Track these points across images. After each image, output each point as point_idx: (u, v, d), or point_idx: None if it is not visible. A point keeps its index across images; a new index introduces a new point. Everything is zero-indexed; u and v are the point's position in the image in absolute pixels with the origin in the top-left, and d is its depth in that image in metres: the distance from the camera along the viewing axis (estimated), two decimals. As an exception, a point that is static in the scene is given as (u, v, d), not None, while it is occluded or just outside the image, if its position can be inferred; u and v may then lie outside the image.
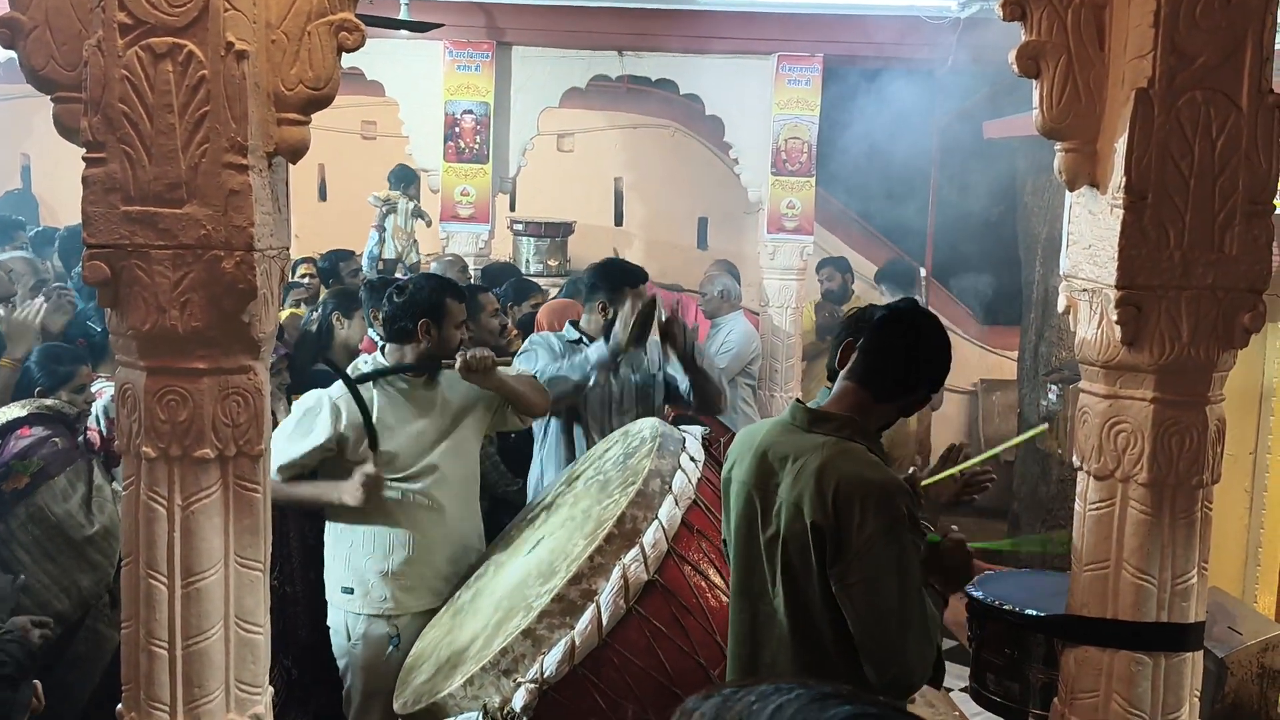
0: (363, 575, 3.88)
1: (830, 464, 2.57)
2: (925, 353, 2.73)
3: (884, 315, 2.79)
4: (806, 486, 2.56)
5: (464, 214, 8.24)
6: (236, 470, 2.57)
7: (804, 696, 0.78)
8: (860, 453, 2.62)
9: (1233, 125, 2.57)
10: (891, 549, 2.51)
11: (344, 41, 2.51)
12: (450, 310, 3.97)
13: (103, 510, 3.91)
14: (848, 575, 2.52)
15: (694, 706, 0.81)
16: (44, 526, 3.79)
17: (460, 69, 8.17)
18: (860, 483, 2.54)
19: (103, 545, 3.88)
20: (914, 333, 2.75)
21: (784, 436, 2.73)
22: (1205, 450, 2.71)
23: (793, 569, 2.60)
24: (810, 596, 2.59)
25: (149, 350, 2.50)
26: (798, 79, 8.24)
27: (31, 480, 3.79)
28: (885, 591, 2.52)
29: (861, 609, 2.53)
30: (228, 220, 2.41)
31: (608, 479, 3.66)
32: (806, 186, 8.35)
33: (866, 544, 2.50)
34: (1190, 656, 2.81)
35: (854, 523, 2.50)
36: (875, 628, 2.52)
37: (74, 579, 3.83)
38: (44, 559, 3.77)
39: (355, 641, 3.90)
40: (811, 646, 2.61)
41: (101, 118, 2.38)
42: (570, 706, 3.11)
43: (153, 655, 2.54)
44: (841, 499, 2.52)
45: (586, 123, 10.22)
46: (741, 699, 0.80)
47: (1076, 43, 2.63)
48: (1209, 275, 2.63)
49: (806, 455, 2.61)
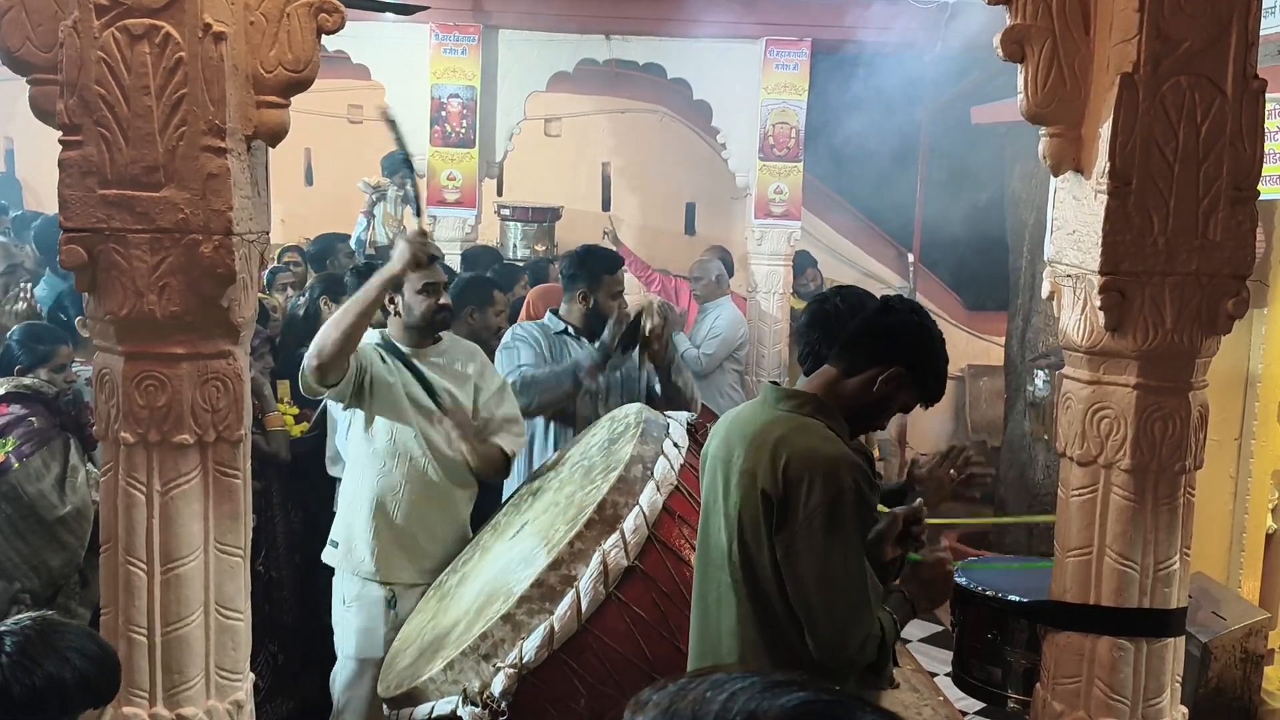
0: (350, 531, 3.90)
1: (785, 437, 2.62)
2: (900, 331, 2.73)
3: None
4: (761, 457, 2.61)
5: (450, 199, 8.20)
6: (216, 456, 2.55)
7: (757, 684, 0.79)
8: (817, 428, 2.65)
9: (1217, 111, 2.57)
10: (834, 520, 2.55)
11: (324, 23, 2.49)
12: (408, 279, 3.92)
13: (75, 491, 3.90)
14: (792, 544, 2.57)
15: (648, 697, 0.81)
16: (16, 505, 3.79)
17: (446, 52, 8.12)
18: (810, 455, 2.58)
19: (74, 526, 3.88)
20: (889, 311, 2.78)
21: (752, 413, 2.79)
22: (1188, 436, 2.72)
23: (745, 539, 2.65)
24: (761, 565, 2.63)
25: (127, 335, 2.48)
26: (786, 63, 8.21)
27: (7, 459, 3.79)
28: (827, 562, 2.55)
29: (802, 578, 2.57)
30: (206, 204, 2.39)
31: (592, 464, 3.65)
32: (794, 172, 8.33)
33: (810, 515, 2.55)
34: (1172, 642, 2.82)
35: (801, 493, 2.55)
36: (815, 597, 2.56)
37: (44, 558, 3.83)
38: (14, 537, 3.78)
39: (349, 604, 3.91)
40: (763, 616, 2.65)
41: (78, 100, 2.36)
42: (550, 691, 3.10)
43: (132, 642, 2.53)
44: (792, 470, 2.56)
45: (574, 107, 10.18)
46: (695, 688, 0.80)
47: (1061, 27, 2.62)
48: (1193, 261, 2.62)
49: (767, 429, 2.66)
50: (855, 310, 3.01)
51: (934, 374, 2.76)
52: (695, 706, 0.78)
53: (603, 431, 3.88)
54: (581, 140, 10.38)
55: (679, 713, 0.79)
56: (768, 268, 8.44)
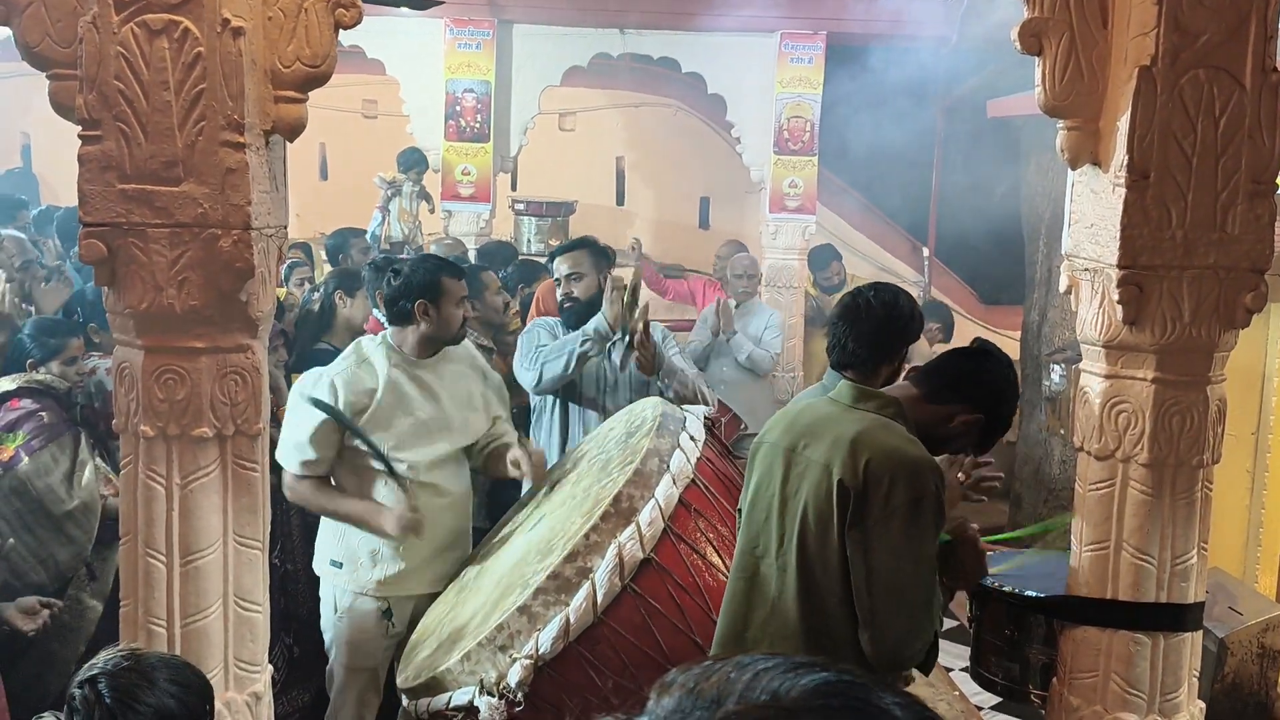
0: (354, 552, 3.87)
1: (867, 432, 2.59)
2: (986, 375, 2.74)
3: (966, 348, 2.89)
4: (839, 450, 2.58)
5: (465, 193, 8.22)
6: (235, 449, 2.57)
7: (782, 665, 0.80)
8: (899, 430, 2.64)
9: (1236, 104, 2.56)
10: (913, 523, 2.52)
11: (341, 18, 2.49)
12: (447, 289, 3.93)
13: (83, 485, 3.92)
14: (866, 540, 2.54)
15: (673, 678, 0.82)
16: (25, 499, 3.81)
17: (461, 47, 8.14)
18: (894, 453, 2.55)
19: (81, 520, 3.90)
20: (985, 355, 2.79)
21: (825, 408, 2.76)
22: (1206, 430, 2.71)
23: (808, 529, 2.62)
24: (825, 558, 2.60)
25: (146, 329, 2.49)
26: (800, 57, 8.20)
27: (16, 453, 3.82)
28: (899, 563, 2.53)
29: (871, 576, 2.54)
30: (225, 199, 2.40)
31: (609, 458, 3.66)
32: (809, 165, 8.32)
33: (890, 513, 2.51)
34: (1189, 636, 2.81)
35: (882, 490, 2.52)
36: (881, 596, 2.53)
37: (51, 551, 3.85)
38: (23, 531, 3.80)
39: (341, 615, 3.90)
40: (813, 606, 2.63)
41: (97, 95, 2.37)
42: (565, 682, 3.11)
43: (151, 633, 2.55)
44: (873, 466, 2.53)
45: (588, 101, 10.18)
46: (720, 669, 0.81)
47: (1079, 19, 2.62)
48: (1211, 255, 2.61)
49: (845, 425, 2.64)
50: (888, 307, 3.10)
51: (1001, 430, 2.78)
52: (720, 686, 0.79)
53: (621, 425, 3.89)
54: (596, 134, 10.39)
55: (704, 693, 0.80)
56: (782, 262, 8.43)
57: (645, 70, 9.74)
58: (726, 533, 3.32)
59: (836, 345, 3.16)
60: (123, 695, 2.10)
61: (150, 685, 2.13)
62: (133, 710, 2.09)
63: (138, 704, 2.10)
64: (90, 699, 2.10)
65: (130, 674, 2.13)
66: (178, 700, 2.14)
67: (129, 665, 2.15)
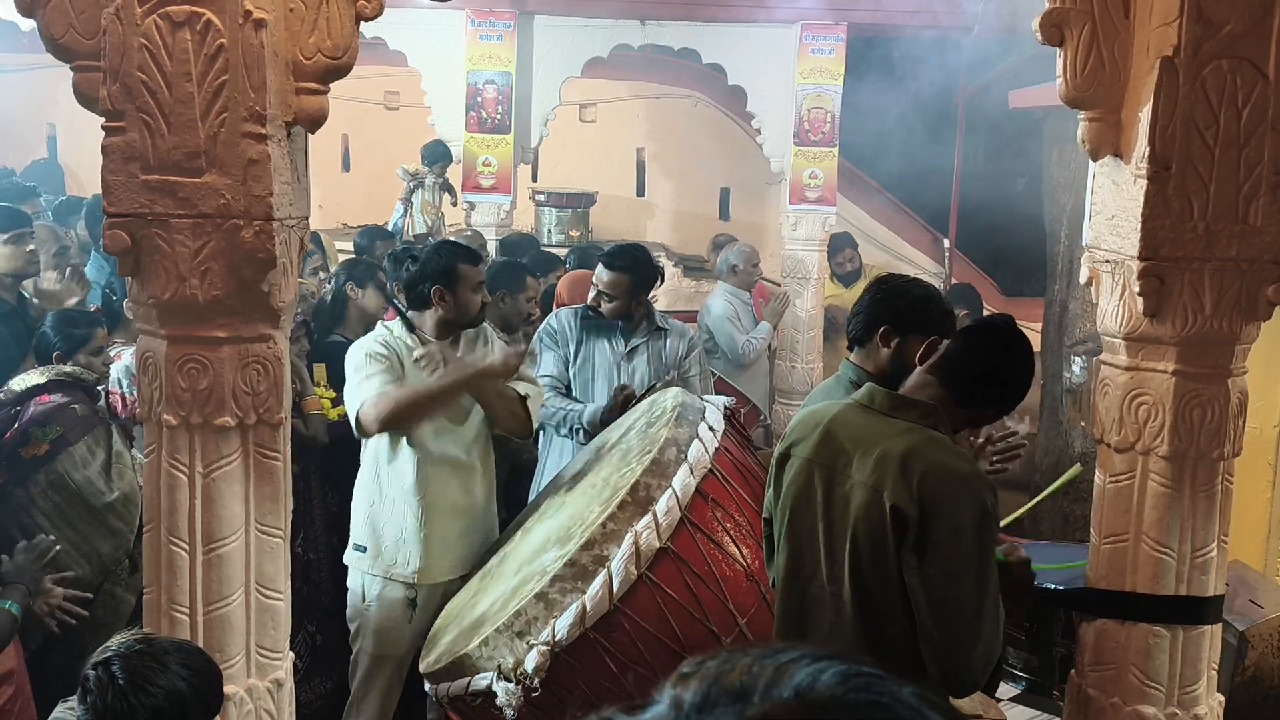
0: (378, 535, 3.91)
1: (917, 450, 2.47)
2: (1013, 371, 2.63)
3: (982, 326, 2.76)
4: (889, 470, 2.46)
5: (486, 184, 8.23)
6: (257, 438, 2.59)
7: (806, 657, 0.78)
8: (947, 443, 2.54)
9: (1259, 95, 2.54)
10: (975, 545, 2.43)
11: (362, 10, 2.50)
12: (463, 274, 3.96)
13: (122, 477, 3.93)
14: (926, 564, 2.43)
15: (690, 669, 0.81)
16: (64, 493, 3.81)
17: (482, 38, 8.14)
18: (950, 472, 2.45)
19: (123, 512, 3.91)
20: (1008, 350, 2.64)
21: (859, 418, 2.62)
22: (1227, 423, 2.70)
23: (860, 554, 2.52)
24: (881, 582, 2.50)
25: (169, 319, 2.52)
26: (821, 48, 8.17)
27: (51, 447, 3.82)
28: (964, 586, 2.42)
29: (935, 601, 2.43)
30: (247, 190, 2.42)
31: (629, 448, 3.68)
32: (829, 157, 8.30)
33: (952, 535, 2.41)
34: (1208, 629, 2.81)
35: (941, 512, 2.41)
36: (946, 621, 2.43)
37: (94, 545, 3.85)
38: (64, 525, 3.79)
39: (370, 602, 3.93)
40: (871, 630, 2.53)
41: (120, 86, 2.39)
42: (581, 669, 3.13)
43: (174, 621, 2.58)
44: (929, 486, 2.43)
45: (609, 93, 10.18)
46: (740, 661, 0.79)
47: (1101, 10, 2.60)
48: (1233, 247, 2.60)
49: (888, 440, 2.51)
50: (927, 300, 3.09)
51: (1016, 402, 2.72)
52: (743, 679, 0.77)
53: (642, 416, 3.90)
54: (616, 126, 10.39)
55: (727, 686, 0.78)
56: (802, 253, 8.41)
57: (666, 61, 9.73)
58: (744, 522, 3.33)
59: (863, 326, 3.10)
60: (135, 677, 2.13)
61: (162, 668, 2.16)
62: (144, 692, 2.12)
63: (150, 686, 2.13)
64: (103, 680, 2.13)
65: (143, 657, 2.16)
66: (188, 683, 2.17)
67: (142, 648, 2.18)
